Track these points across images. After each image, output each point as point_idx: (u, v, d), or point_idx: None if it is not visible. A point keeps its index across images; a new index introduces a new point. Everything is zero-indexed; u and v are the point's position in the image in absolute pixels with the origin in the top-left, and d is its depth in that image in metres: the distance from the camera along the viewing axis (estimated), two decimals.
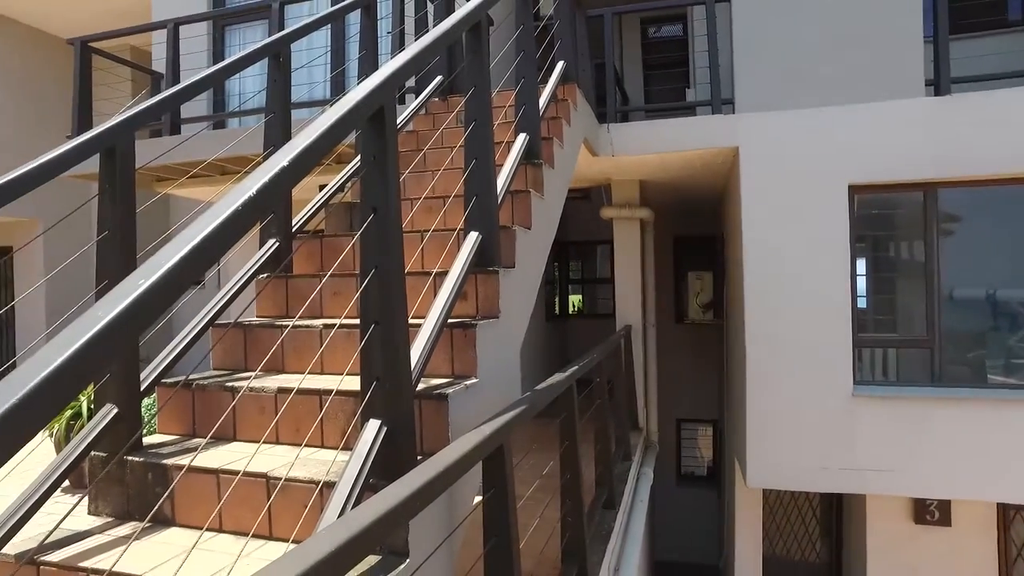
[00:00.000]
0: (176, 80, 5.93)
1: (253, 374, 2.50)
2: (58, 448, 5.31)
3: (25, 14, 9.19)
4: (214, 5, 7.28)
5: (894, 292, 5.83)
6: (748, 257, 5.57)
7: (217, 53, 7.00)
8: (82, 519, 2.17)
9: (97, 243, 2.18)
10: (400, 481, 1.42)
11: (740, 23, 5.74)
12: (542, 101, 3.71)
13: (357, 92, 1.74)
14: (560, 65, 4.52)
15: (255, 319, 2.89)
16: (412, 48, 2.12)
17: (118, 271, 2.17)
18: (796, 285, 5.41)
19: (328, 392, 2.24)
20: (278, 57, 3.04)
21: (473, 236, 2.61)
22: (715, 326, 8.36)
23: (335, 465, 2.04)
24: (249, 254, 2.98)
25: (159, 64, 7.07)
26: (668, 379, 8.11)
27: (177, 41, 5.98)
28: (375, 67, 3.79)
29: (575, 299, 12.13)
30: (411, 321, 2.04)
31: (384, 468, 1.79)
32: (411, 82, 5.31)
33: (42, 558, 1.87)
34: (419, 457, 1.88)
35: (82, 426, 5.15)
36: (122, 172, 2.20)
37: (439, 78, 4.95)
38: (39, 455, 5.79)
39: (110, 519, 2.16)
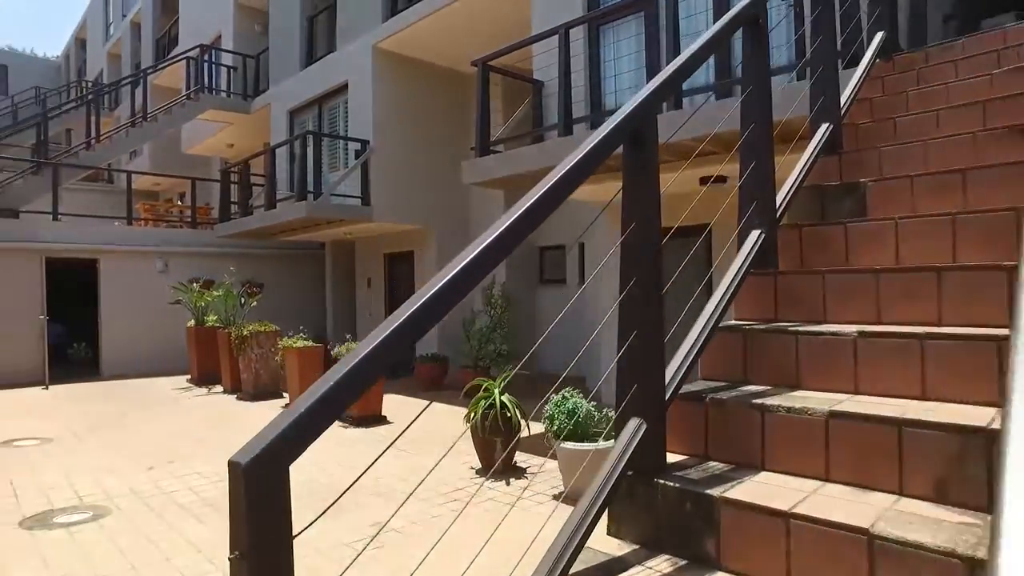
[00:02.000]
0: (568, 80, 6.05)
1: (785, 392, 2.11)
2: (474, 434, 5.72)
3: (421, 52, 10.59)
4: (588, 8, 7.37)
5: None
6: None
7: (593, 54, 7.06)
8: (603, 540, 2.00)
9: (622, 242, 1.97)
10: None
11: None
12: None
13: None
14: None
15: (742, 322, 2.52)
16: None
17: (646, 260, 1.94)
18: None
19: (905, 422, 1.72)
20: (756, 21, 2.62)
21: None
22: None
23: (956, 529, 1.51)
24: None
25: (539, 73, 7.41)
26: None
27: (567, 44, 6.10)
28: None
29: None
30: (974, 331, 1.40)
31: None
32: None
33: None
34: None
35: (495, 416, 5.45)
36: (649, 158, 1.97)
37: (881, 34, 4.13)
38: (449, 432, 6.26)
39: (635, 546, 1.94)
